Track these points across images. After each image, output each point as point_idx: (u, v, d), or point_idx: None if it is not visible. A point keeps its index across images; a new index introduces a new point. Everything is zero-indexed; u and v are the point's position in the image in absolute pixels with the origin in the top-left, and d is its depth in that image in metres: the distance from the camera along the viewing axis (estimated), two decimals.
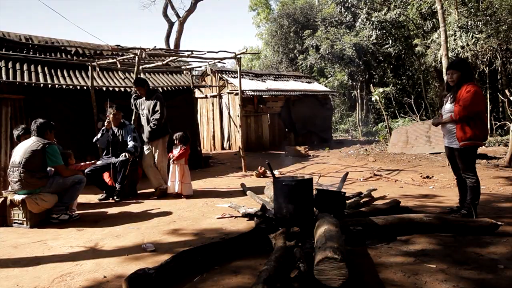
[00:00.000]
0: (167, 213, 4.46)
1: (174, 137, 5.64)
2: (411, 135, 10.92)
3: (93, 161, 5.47)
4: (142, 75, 8.13)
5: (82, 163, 5.31)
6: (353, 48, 17.54)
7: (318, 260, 2.09)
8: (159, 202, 5.23)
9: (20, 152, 4.07)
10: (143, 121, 5.77)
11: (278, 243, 2.69)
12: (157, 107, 5.52)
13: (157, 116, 5.48)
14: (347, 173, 5.70)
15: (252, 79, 14.38)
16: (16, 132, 4.68)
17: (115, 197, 5.37)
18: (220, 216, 4.12)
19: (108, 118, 5.61)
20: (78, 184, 4.37)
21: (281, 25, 24.14)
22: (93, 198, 5.52)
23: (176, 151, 5.58)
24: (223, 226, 3.73)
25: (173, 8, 20.58)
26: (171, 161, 5.56)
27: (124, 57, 7.90)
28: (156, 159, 5.67)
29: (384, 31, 16.87)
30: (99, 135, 5.65)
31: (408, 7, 16.43)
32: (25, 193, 4.01)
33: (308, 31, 20.10)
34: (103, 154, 5.69)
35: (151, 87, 5.98)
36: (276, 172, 7.54)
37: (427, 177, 6.69)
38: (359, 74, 19.54)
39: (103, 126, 5.67)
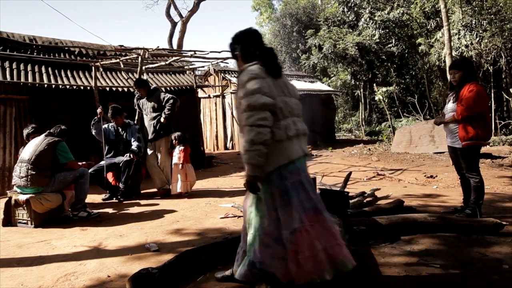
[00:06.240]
0: (170, 213, 4.47)
1: (173, 137, 5.66)
2: (415, 135, 10.87)
3: (84, 162, 5.11)
4: (145, 75, 8.16)
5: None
6: (356, 48, 17.47)
7: None
8: (162, 202, 5.25)
9: (30, 149, 4.14)
10: (147, 121, 5.78)
11: None
12: (167, 97, 5.57)
13: (171, 101, 5.52)
14: (350, 173, 5.68)
15: None
16: (26, 131, 4.74)
17: (118, 197, 5.39)
18: (223, 216, 4.12)
19: (100, 108, 5.57)
20: (81, 178, 4.42)
21: (284, 25, 24.12)
22: (97, 198, 5.54)
23: (176, 152, 5.62)
24: (226, 225, 3.73)
25: (176, 8, 20.59)
26: (179, 165, 5.56)
27: (127, 57, 7.93)
28: (159, 159, 5.68)
29: (387, 30, 16.80)
30: (91, 125, 5.59)
31: (412, 6, 16.36)
32: (29, 191, 4.04)
33: (311, 31, 20.05)
34: (106, 154, 5.71)
35: (153, 86, 5.98)
36: None
37: (431, 176, 6.65)
38: (362, 74, 19.48)
39: (104, 123, 5.66)
